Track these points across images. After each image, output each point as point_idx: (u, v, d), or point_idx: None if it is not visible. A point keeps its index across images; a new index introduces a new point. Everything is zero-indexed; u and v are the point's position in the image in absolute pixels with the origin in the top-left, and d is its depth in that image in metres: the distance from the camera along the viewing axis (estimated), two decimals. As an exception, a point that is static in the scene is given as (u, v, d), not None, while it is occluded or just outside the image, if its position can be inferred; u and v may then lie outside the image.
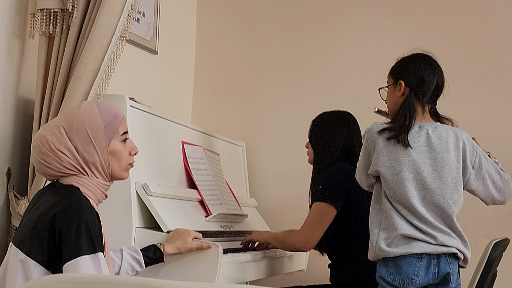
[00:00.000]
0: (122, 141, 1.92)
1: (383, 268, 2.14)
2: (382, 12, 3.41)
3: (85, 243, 1.69)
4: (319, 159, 2.70)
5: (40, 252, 1.72)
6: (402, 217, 2.11)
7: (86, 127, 1.84)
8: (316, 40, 3.54)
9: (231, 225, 2.81)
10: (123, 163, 1.92)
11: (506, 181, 2.25)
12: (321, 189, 2.55)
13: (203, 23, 3.83)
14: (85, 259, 1.68)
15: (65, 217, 1.71)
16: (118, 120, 1.90)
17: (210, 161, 2.90)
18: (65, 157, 1.82)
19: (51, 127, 1.85)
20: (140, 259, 2.15)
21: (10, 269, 1.77)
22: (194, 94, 3.81)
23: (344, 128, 2.69)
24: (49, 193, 1.85)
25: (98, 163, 1.86)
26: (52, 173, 1.85)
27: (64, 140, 1.82)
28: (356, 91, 3.35)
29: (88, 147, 1.84)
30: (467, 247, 2.15)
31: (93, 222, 1.74)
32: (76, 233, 1.69)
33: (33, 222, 1.76)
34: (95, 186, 1.86)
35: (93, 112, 1.87)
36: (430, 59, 2.24)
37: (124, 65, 2.83)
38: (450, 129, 2.20)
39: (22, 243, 1.76)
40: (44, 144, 1.83)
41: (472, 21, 3.23)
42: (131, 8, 2.43)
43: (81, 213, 1.72)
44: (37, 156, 1.84)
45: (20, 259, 1.73)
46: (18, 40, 2.54)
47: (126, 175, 1.96)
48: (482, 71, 3.19)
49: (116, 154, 1.90)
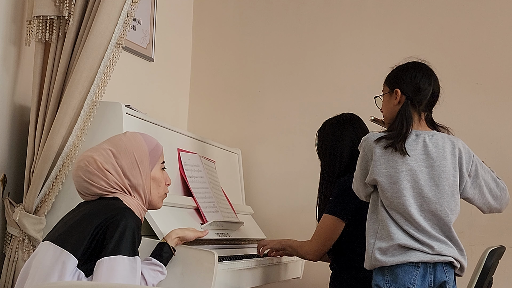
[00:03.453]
0: (161, 169, 2.07)
1: (379, 276, 2.14)
2: (378, 20, 3.42)
3: (128, 245, 1.79)
4: (325, 170, 2.67)
5: (76, 245, 1.78)
6: (398, 226, 2.11)
7: (133, 151, 1.97)
8: (312, 48, 3.55)
9: (227, 233, 2.80)
10: (161, 191, 2.07)
11: (503, 189, 2.26)
12: (331, 201, 2.54)
13: (199, 30, 3.84)
14: (123, 259, 1.76)
15: (114, 219, 1.81)
16: (159, 149, 2.06)
17: (206, 169, 2.90)
18: (112, 176, 1.92)
19: (98, 150, 1.96)
20: (154, 261, 2.16)
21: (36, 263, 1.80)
22: (190, 102, 3.81)
23: (349, 131, 2.65)
24: (92, 203, 1.93)
25: (141, 186, 1.98)
26: (96, 192, 1.93)
27: (112, 161, 1.94)
28: (352, 99, 3.35)
29: (134, 170, 1.96)
30: (463, 256, 2.15)
31: (138, 228, 1.85)
32: (121, 232, 1.78)
33: (75, 221, 1.84)
34: (136, 206, 1.96)
35: (139, 139, 2.02)
36: (425, 67, 2.24)
37: (120, 72, 2.84)
38: (447, 137, 2.20)
39: (58, 238, 1.82)
40: (91, 163, 1.92)
41: (467, 30, 3.25)
42: (128, 15, 2.44)
43: (129, 218, 1.83)
44: (83, 175, 1.93)
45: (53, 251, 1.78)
46: (14, 47, 2.54)
47: (160, 205, 2.10)
48: (478, 79, 3.20)
49: (157, 180, 2.04)
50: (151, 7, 3.42)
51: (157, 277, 2.13)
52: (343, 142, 2.64)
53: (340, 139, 2.65)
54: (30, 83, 2.49)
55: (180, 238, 2.26)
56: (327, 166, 2.67)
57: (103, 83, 2.43)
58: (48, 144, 2.35)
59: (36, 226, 2.37)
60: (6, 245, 2.42)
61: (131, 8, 2.44)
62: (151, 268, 2.13)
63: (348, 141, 2.64)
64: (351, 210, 2.50)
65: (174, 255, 2.23)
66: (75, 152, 2.39)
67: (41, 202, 2.39)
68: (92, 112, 2.41)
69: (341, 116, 2.74)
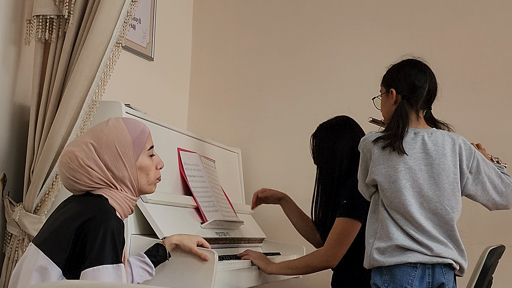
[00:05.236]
0: (149, 156, 1.97)
1: (377, 276, 2.13)
2: (377, 19, 3.42)
3: (109, 252, 1.72)
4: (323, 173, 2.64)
5: (60, 253, 1.74)
6: (398, 226, 2.10)
7: (115, 143, 1.88)
8: (312, 48, 3.55)
9: (226, 232, 2.80)
10: (151, 178, 1.98)
11: (508, 185, 2.21)
12: (345, 204, 2.50)
13: (199, 29, 3.84)
14: (107, 268, 1.71)
15: (93, 223, 1.74)
16: (145, 135, 1.95)
17: (205, 168, 2.90)
18: (94, 172, 1.86)
19: (79, 144, 1.89)
20: (147, 260, 2.15)
21: (26, 267, 1.78)
22: (190, 101, 3.81)
23: (348, 133, 2.64)
24: (77, 200, 1.88)
25: (127, 178, 1.90)
26: (81, 188, 1.88)
27: (93, 156, 1.86)
28: (351, 98, 3.35)
29: (117, 162, 1.88)
30: (463, 257, 2.13)
31: (119, 231, 1.77)
32: (101, 240, 1.72)
33: (58, 225, 1.79)
34: (123, 200, 1.90)
35: (121, 128, 1.91)
36: (420, 64, 2.22)
37: (120, 71, 2.83)
38: (447, 134, 2.18)
39: (43, 243, 1.78)
40: (73, 160, 1.86)
41: (467, 30, 3.24)
42: (127, 14, 2.43)
43: (108, 221, 1.75)
44: (66, 172, 1.87)
45: (38, 258, 1.74)
46: (14, 46, 2.54)
47: (153, 189, 2.01)
48: (477, 79, 3.20)
49: (144, 169, 1.95)
50: (151, 7, 3.42)
51: (144, 276, 2.12)
52: (342, 144, 2.62)
53: (339, 141, 2.63)
54: (30, 83, 2.49)
55: (177, 245, 2.24)
56: (325, 169, 2.65)
57: (103, 82, 2.43)
58: (48, 143, 2.35)
59: (36, 225, 2.37)
60: (6, 245, 2.42)
61: (131, 7, 2.44)
62: (141, 266, 2.12)
63: (348, 143, 2.62)
64: (365, 210, 2.41)
65: (167, 260, 2.21)
66: (75, 151, 2.39)
67: (41, 201, 2.39)
68: (92, 111, 2.41)
69: (336, 118, 2.72)
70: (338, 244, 2.49)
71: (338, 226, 2.51)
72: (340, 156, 2.62)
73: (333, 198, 2.61)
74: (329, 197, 2.63)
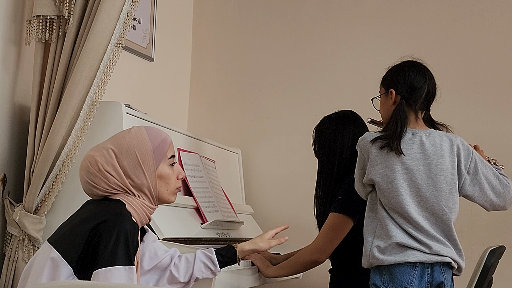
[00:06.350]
0: (170, 165, 1.98)
1: (377, 276, 2.14)
2: (378, 20, 3.42)
3: (122, 254, 1.72)
4: (323, 167, 2.62)
5: (72, 252, 1.74)
6: (397, 225, 2.11)
7: (136, 151, 1.91)
8: (312, 47, 3.55)
9: (226, 232, 2.81)
10: (171, 187, 1.99)
11: (506, 185, 2.22)
12: (340, 200, 2.48)
13: (199, 30, 3.84)
14: (119, 270, 1.71)
15: (107, 224, 1.74)
16: (166, 144, 1.97)
17: (206, 168, 2.90)
18: (112, 178, 1.88)
19: (101, 149, 1.91)
20: (213, 258, 2.14)
21: (38, 264, 1.79)
22: (190, 101, 3.81)
23: (350, 127, 2.61)
24: (94, 204, 1.90)
25: (146, 186, 1.92)
26: (99, 193, 1.90)
27: (113, 162, 1.88)
28: (352, 98, 3.34)
29: (137, 170, 1.90)
30: (461, 257, 2.14)
31: (132, 234, 1.77)
32: (115, 242, 1.72)
33: (73, 225, 1.80)
34: (140, 207, 1.91)
35: (143, 136, 1.94)
36: (419, 66, 2.23)
37: (120, 72, 2.84)
38: (445, 135, 2.18)
39: (57, 241, 1.79)
40: (93, 165, 1.88)
41: (467, 30, 3.25)
42: (127, 15, 2.43)
43: (123, 223, 1.76)
44: (85, 176, 1.90)
45: (51, 256, 1.75)
46: (14, 46, 2.54)
47: (173, 199, 2.02)
48: (478, 79, 3.20)
49: (164, 177, 1.96)
50: (151, 7, 3.42)
51: (205, 273, 2.12)
52: (343, 138, 2.59)
53: (340, 135, 2.59)
54: (30, 83, 2.49)
55: (253, 250, 2.24)
56: (325, 162, 2.62)
57: (103, 82, 2.43)
58: (48, 143, 2.35)
59: (36, 225, 2.37)
60: (6, 245, 2.42)
61: (131, 7, 2.44)
62: (204, 262, 2.12)
63: (349, 137, 2.58)
64: (359, 209, 2.42)
65: (238, 264, 2.21)
66: (75, 151, 2.39)
67: (41, 201, 2.39)
68: (92, 111, 2.41)
69: (341, 112, 2.69)
70: (327, 238, 2.46)
71: (330, 221, 2.48)
72: (340, 148, 2.58)
73: (331, 193, 2.58)
74: (327, 191, 2.61)
